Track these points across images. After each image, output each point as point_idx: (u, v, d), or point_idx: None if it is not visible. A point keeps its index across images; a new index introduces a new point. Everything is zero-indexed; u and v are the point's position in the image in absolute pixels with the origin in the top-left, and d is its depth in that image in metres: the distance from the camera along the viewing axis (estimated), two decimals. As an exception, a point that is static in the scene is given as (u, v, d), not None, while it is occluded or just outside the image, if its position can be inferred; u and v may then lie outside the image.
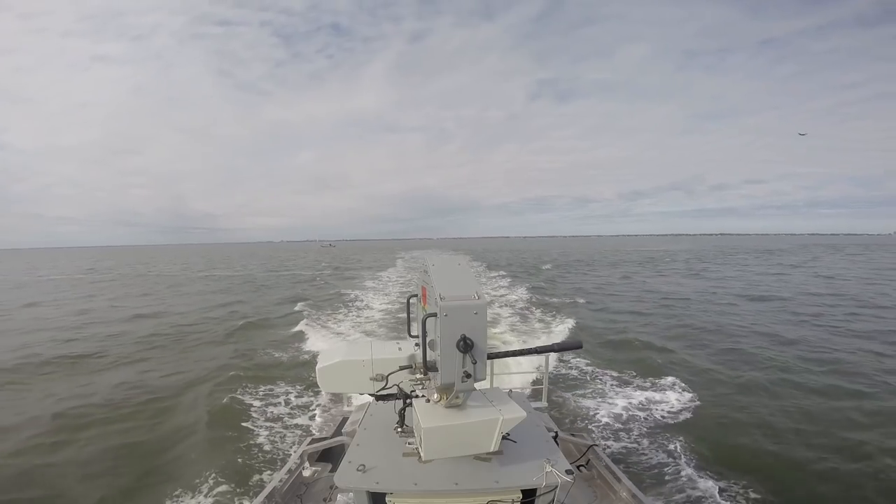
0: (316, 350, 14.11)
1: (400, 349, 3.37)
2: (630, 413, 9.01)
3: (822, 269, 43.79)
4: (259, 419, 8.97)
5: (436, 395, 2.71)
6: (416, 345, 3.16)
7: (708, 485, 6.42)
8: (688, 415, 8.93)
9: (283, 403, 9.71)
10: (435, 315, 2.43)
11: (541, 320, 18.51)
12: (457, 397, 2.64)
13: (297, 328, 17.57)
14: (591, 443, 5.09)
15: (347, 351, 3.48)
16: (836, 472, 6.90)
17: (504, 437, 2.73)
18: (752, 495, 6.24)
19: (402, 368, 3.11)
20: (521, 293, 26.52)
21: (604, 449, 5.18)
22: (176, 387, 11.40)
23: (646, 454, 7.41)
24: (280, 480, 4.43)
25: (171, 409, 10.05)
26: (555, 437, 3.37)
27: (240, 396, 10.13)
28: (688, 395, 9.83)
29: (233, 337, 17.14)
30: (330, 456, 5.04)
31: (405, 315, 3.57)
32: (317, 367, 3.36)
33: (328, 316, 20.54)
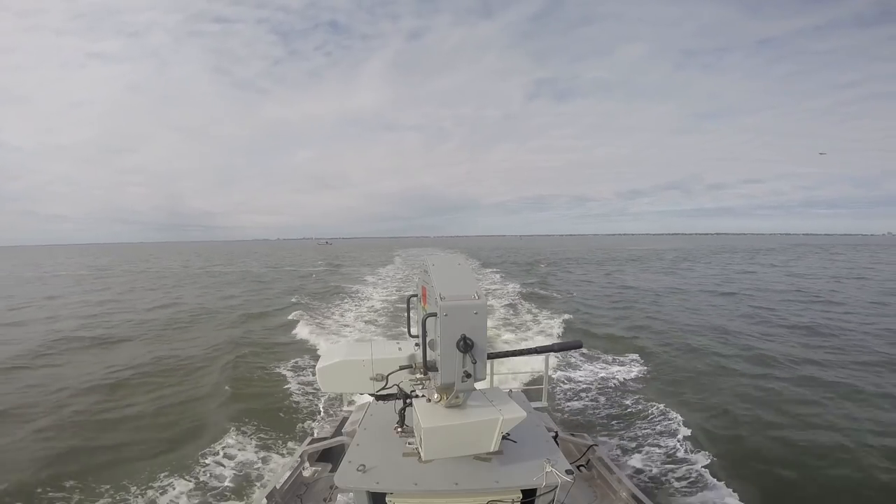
0: (310, 335, 15.72)
1: (400, 349, 3.37)
2: (591, 381, 10.78)
3: (798, 269, 45.32)
4: (266, 380, 10.87)
5: (436, 395, 2.72)
6: (417, 345, 3.16)
7: (708, 485, 6.43)
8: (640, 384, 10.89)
9: (285, 370, 11.54)
10: (435, 315, 2.44)
11: (529, 311, 20.25)
12: (457, 397, 2.64)
13: (292, 316, 19.55)
14: (591, 443, 5.09)
15: (347, 351, 3.47)
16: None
17: (504, 438, 2.74)
18: (753, 496, 6.25)
19: (402, 368, 3.11)
20: (512, 287, 28.41)
21: (604, 449, 5.18)
22: (199, 359, 13.69)
23: (646, 454, 7.41)
24: (280, 480, 4.43)
25: (198, 375, 12.23)
26: (555, 437, 3.37)
27: (250, 365, 12.36)
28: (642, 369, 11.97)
29: (243, 322, 19.44)
30: (330, 456, 5.04)
31: (400, 311, 3.58)
32: (317, 368, 3.35)
33: (325, 307, 22.15)
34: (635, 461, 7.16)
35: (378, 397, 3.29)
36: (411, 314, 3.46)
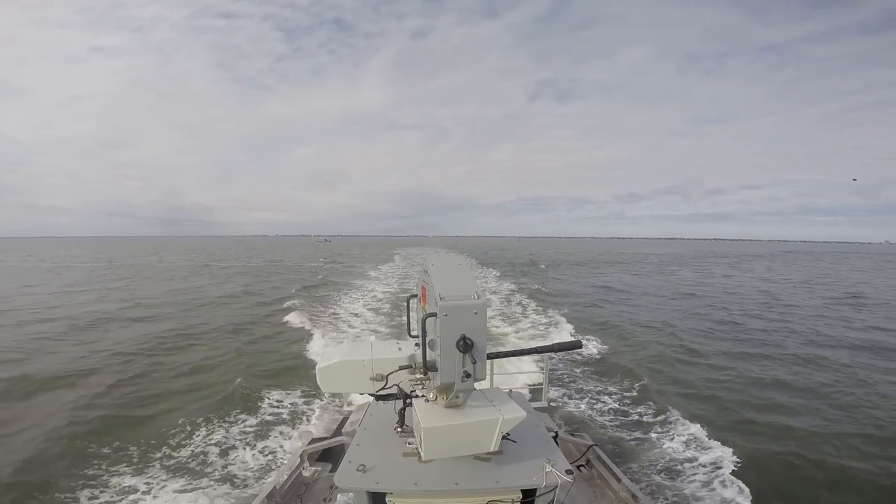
0: (311, 330, 16.50)
1: (400, 349, 3.35)
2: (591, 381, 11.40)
3: (774, 275, 46.84)
4: (267, 379, 11.36)
5: (432, 395, 2.70)
6: (417, 345, 3.14)
7: (708, 484, 6.44)
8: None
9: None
10: (435, 315, 2.43)
11: (520, 303, 22.92)
12: (456, 397, 2.64)
13: (289, 317, 20.51)
14: (591, 443, 5.10)
15: (347, 351, 3.44)
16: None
17: (504, 437, 2.74)
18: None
19: (401, 368, 3.10)
20: (507, 286, 30.82)
21: (604, 449, 5.18)
22: (226, 329, 17.25)
23: (646, 454, 7.42)
24: (280, 480, 4.43)
25: (232, 339, 15.53)
26: (555, 437, 3.37)
27: (252, 363, 13.23)
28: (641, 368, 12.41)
29: (258, 305, 23.07)
30: (330, 456, 5.04)
31: (400, 308, 3.60)
32: (317, 368, 3.32)
33: (326, 301, 23.45)
34: (635, 461, 7.17)
35: (378, 397, 3.27)
36: (411, 314, 3.45)
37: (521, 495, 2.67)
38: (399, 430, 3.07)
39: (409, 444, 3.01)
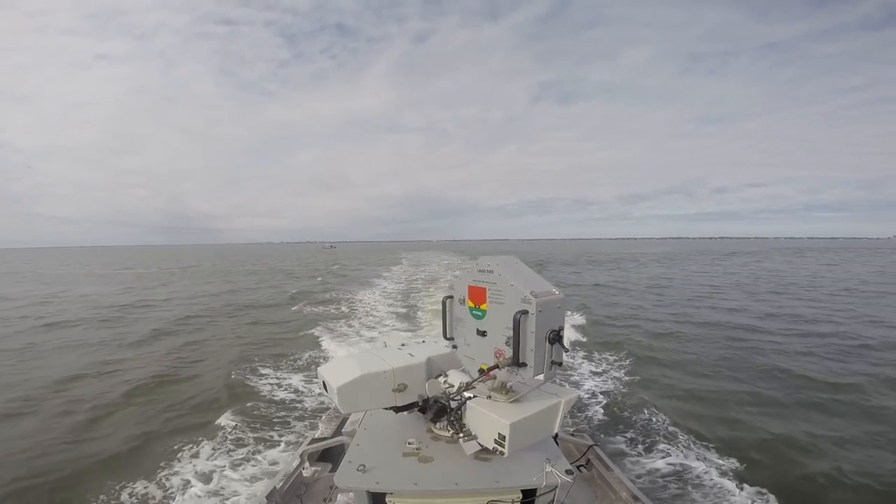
0: (323, 332, 16.74)
1: (412, 354, 3.20)
2: (590, 381, 11.73)
3: (757, 269, 49.02)
4: (269, 378, 11.55)
5: (489, 394, 2.80)
6: (453, 346, 3.15)
7: (708, 483, 6.44)
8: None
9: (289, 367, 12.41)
10: (526, 312, 2.54)
11: None
12: (512, 391, 2.76)
13: (328, 295, 26.27)
14: (591, 443, 5.09)
15: (363, 362, 3.05)
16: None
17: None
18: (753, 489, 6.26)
19: (439, 376, 3.08)
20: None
21: (604, 449, 5.18)
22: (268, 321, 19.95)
23: (646, 454, 7.42)
24: (280, 480, 4.43)
25: (279, 326, 18.55)
26: (555, 437, 3.37)
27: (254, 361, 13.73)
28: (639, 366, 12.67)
29: (290, 301, 25.97)
30: (330, 456, 5.04)
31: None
32: (336, 387, 2.85)
33: (335, 304, 24.55)
34: (635, 461, 7.17)
35: (397, 410, 3.11)
36: (447, 315, 3.24)
37: (521, 495, 2.67)
38: (460, 436, 2.90)
39: (409, 444, 3.01)
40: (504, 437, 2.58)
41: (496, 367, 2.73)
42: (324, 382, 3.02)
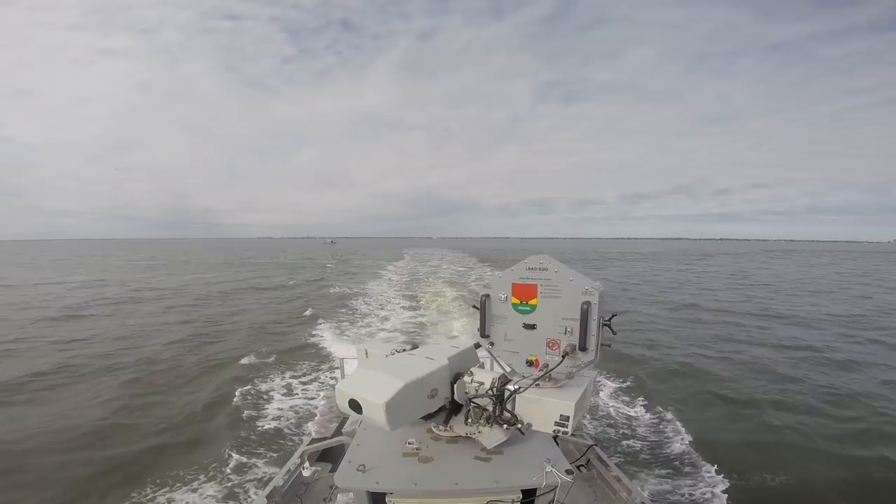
0: (330, 334, 16.80)
1: (431, 358, 3.03)
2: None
3: (734, 270, 51.64)
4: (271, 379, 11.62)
5: (540, 382, 2.92)
6: (489, 345, 3.20)
7: (708, 484, 6.44)
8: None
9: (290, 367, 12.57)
10: (589, 303, 2.81)
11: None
12: (553, 378, 2.92)
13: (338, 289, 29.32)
14: (591, 443, 5.09)
15: (399, 373, 2.78)
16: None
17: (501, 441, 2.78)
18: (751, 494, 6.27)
19: (478, 383, 3.06)
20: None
21: (604, 449, 5.18)
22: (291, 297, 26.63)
23: (646, 454, 7.42)
24: (280, 480, 4.43)
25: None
26: (555, 437, 3.37)
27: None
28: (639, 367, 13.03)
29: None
30: (330, 456, 5.03)
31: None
32: (383, 404, 2.52)
33: (341, 303, 25.68)
34: (635, 461, 7.18)
35: (430, 416, 2.97)
36: (486, 314, 3.25)
37: (521, 495, 2.67)
38: (519, 427, 2.91)
39: (409, 444, 3.01)
40: (567, 417, 2.76)
41: (566, 354, 2.90)
42: (353, 401, 2.65)
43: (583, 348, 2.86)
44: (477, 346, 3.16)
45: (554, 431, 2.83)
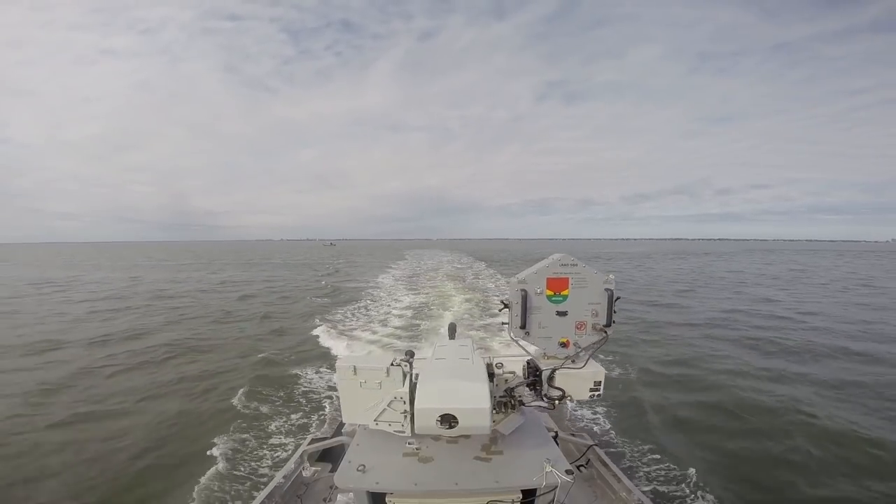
0: (332, 337, 16.46)
1: (467, 358, 3.48)
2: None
3: (722, 269, 52.84)
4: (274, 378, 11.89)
5: (572, 358, 3.35)
6: (523, 334, 3.41)
7: (708, 483, 6.44)
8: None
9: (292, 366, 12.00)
10: (611, 290, 3.41)
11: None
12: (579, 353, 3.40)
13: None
14: (591, 443, 5.10)
15: (477, 378, 2.92)
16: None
17: (504, 437, 2.77)
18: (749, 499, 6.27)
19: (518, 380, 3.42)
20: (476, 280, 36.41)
21: (604, 449, 5.19)
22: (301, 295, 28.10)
23: (646, 454, 7.42)
24: (280, 480, 4.44)
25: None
26: (555, 437, 3.37)
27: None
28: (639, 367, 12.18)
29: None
30: (330, 456, 5.05)
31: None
32: (488, 407, 2.75)
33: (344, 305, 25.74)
34: (635, 461, 7.17)
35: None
36: (526, 307, 3.41)
37: (521, 495, 2.68)
38: (567, 398, 3.35)
39: (409, 444, 3.01)
40: (600, 382, 3.32)
41: (604, 334, 3.40)
42: (446, 416, 2.68)
43: (608, 325, 3.44)
44: (528, 334, 3.44)
45: (590, 396, 3.33)
